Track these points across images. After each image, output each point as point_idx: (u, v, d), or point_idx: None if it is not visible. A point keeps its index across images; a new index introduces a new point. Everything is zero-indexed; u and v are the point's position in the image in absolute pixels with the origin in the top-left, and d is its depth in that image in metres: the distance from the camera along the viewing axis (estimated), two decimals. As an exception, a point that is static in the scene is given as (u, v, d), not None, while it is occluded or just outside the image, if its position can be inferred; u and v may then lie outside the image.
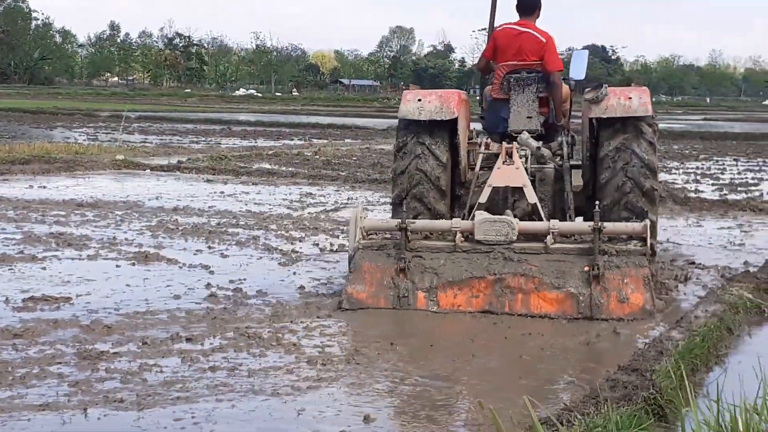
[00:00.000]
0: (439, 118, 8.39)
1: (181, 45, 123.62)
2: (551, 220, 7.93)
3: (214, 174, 17.71)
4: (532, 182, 8.44)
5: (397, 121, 8.82)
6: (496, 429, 3.56)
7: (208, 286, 7.92)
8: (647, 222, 7.76)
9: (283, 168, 18.75)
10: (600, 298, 7.30)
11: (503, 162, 8.26)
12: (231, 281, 8.14)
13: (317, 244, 10.23)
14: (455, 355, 6.14)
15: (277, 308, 7.19)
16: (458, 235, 7.75)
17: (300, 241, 10.43)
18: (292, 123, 37.62)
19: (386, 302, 7.47)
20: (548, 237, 7.65)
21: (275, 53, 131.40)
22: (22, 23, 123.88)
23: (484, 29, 10.24)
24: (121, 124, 28.38)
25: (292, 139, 28.86)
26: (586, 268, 7.40)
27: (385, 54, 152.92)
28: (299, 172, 18.14)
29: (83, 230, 10.70)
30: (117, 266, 8.71)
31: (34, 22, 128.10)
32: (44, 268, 8.50)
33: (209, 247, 9.89)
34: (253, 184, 16.34)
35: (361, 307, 7.40)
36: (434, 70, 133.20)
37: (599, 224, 7.45)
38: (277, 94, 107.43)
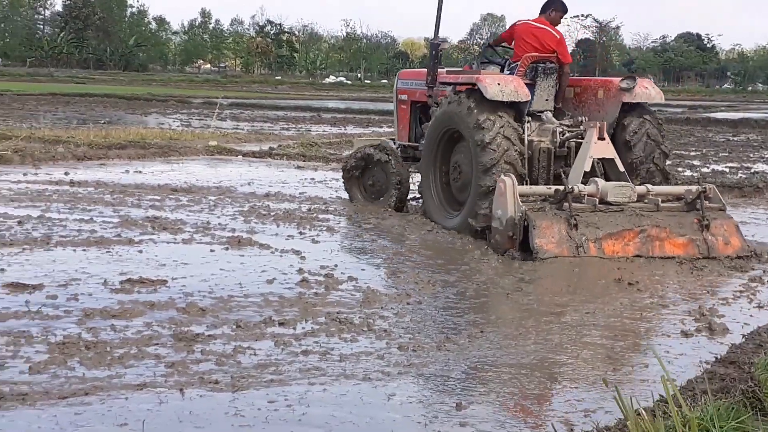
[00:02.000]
0: (517, 100, 10.06)
1: (272, 32, 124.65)
2: (646, 185, 9.85)
3: (304, 161, 17.86)
4: (569, 153, 10.35)
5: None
6: (620, 407, 3.60)
7: (300, 271, 8.00)
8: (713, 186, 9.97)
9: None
10: (712, 241, 9.34)
11: (598, 137, 9.87)
12: (322, 267, 8.20)
13: (406, 231, 10.25)
14: (545, 343, 6.11)
15: (368, 294, 7.23)
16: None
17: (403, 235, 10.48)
18: (381, 110, 37.63)
19: (568, 251, 8.92)
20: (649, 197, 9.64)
21: (365, 41, 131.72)
22: (117, 11, 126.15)
23: (576, 17, 12.27)
24: (215, 111, 28.76)
25: (381, 127, 28.90)
26: (696, 221, 9.41)
27: (475, 41, 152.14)
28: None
29: (178, 215, 10.88)
30: (211, 251, 8.83)
31: (129, 10, 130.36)
32: (141, 251, 8.68)
33: (300, 233, 9.98)
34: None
35: (550, 257, 8.81)
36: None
37: (703, 186, 9.69)
38: (366, 81, 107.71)
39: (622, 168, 10.03)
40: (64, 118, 28.86)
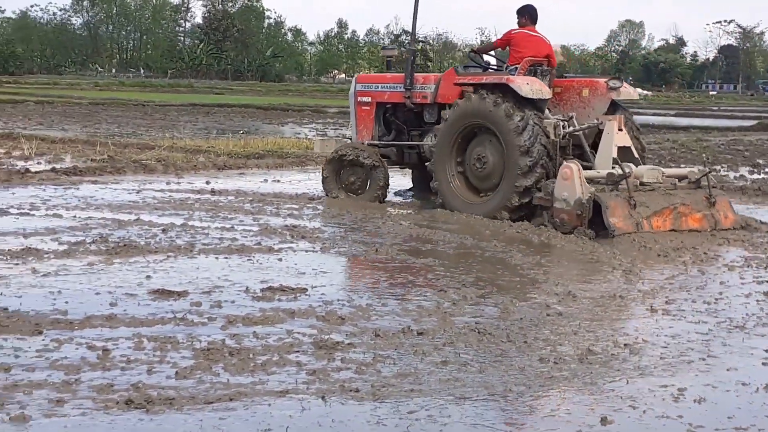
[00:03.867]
0: (542, 97, 11.64)
1: (407, 42, 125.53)
2: (660, 167, 11.89)
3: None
4: (569, 144, 11.71)
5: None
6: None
7: (438, 280, 7.99)
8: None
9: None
10: (718, 216, 10.98)
11: (618, 129, 11.43)
12: (460, 276, 8.17)
13: (540, 241, 10.15)
14: (691, 359, 5.95)
15: (507, 305, 7.17)
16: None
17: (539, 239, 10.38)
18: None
19: (631, 228, 10.25)
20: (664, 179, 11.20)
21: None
22: (255, 22, 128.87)
23: (719, 22, 13.43)
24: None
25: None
26: (705, 198, 10.99)
27: (612, 48, 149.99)
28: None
29: (316, 223, 11.01)
30: (348, 259, 8.90)
31: (266, 21, 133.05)
32: (280, 260, 8.80)
33: (436, 242, 9.97)
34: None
35: (619, 233, 10.09)
36: (665, 65, 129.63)
37: (708, 168, 11.51)
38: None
39: (636, 154, 11.69)
40: (203, 128, 29.57)
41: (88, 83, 77.24)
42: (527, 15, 12.64)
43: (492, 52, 13.59)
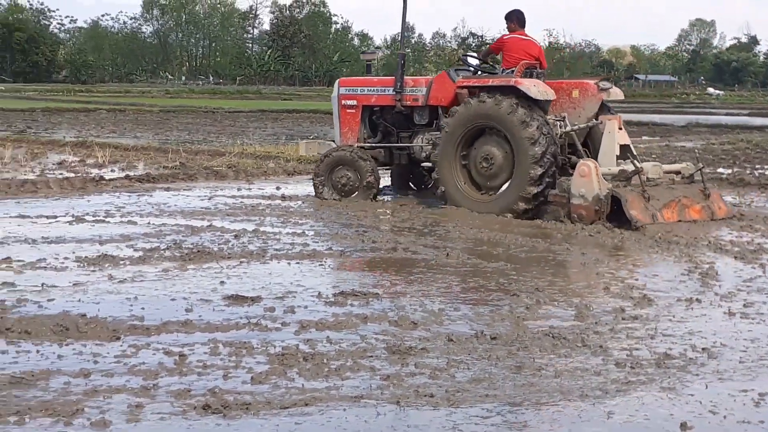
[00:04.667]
0: (548, 98, 12.21)
1: (473, 44, 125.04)
2: (651, 163, 12.47)
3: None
4: (565, 143, 12.29)
5: (694, 116, 12.98)
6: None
7: (510, 284, 7.95)
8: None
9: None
10: (713, 207, 11.82)
11: (619, 128, 12.25)
12: (532, 280, 8.12)
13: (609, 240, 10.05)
14: (772, 363, 5.84)
15: (581, 308, 7.10)
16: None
17: (610, 243, 10.28)
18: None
19: (648, 220, 10.94)
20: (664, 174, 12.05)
21: (568, 50, 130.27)
22: (323, 28, 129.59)
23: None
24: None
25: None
26: (700, 191, 11.84)
27: (683, 48, 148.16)
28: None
29: (385, 228, 11.05)
30: (420, 264, 8.89)
31: (333, 26, 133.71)
32: (352, 264, 8.81)
33: (508, 246, 9.93)
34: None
35: (640, 225, 10.73)
36: (737, 64, 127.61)
37: (701, 165, 12.27)
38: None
39: (635, 152, 12.52)
40: (272, 134, 29.77)
41: (159, 91, 78.28)
42: (515, 20, 13.14)
43: (476, 58, 14.07)
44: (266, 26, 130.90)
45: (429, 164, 12.99)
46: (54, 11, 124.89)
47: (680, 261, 9.15)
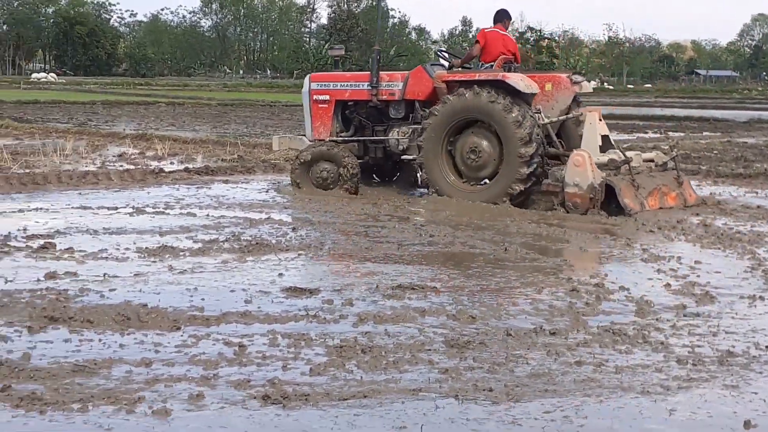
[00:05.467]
0: (534, 92, 12.51)
1: (531, 39, 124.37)
2: (634, 152, 12.76)
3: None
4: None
5: (756, 112, 12.68)
6: None
7: (569, 280, 7.88)
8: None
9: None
10: (686, 194, 12.39)
11: (599, 119, 12.54)
12: (592, 276, 8.06)
13: (670, 238, 9.92)
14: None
15: (641, 305, 7.02)
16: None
17: (668, 238, 10.17)
18: (645, 115, 36.72)
19: (637, 207, 11.45)
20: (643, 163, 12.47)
21: (628, 45, 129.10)
22: (380, 22, 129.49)
23: None
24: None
25: (647, 132, 28.16)
26: (674, 179, 12.40)
27: (745, 43, 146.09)
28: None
29: (442, 221, 10.99)
30: (478, 258, 8.86)
31: (390, 21, 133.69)
32: (410, 257, 8.80)
33: (567, 241, 9.86)
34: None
35: (633, 213, 11.27)
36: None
37: (676, 152, 12.98)
38: (629, 86, 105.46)
39: (612, 141, 12.89)
40: (330, 127, 29.78)
41: (217, 84, 78.92)
42: (506, 19, 13.77)
43: (446, 54, 14.80)
44: (324, 20, 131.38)
45: (408, 157, 13.34)
46: (114, 5, 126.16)
47: (743, 258, 9.02)
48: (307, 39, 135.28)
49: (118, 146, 19.95)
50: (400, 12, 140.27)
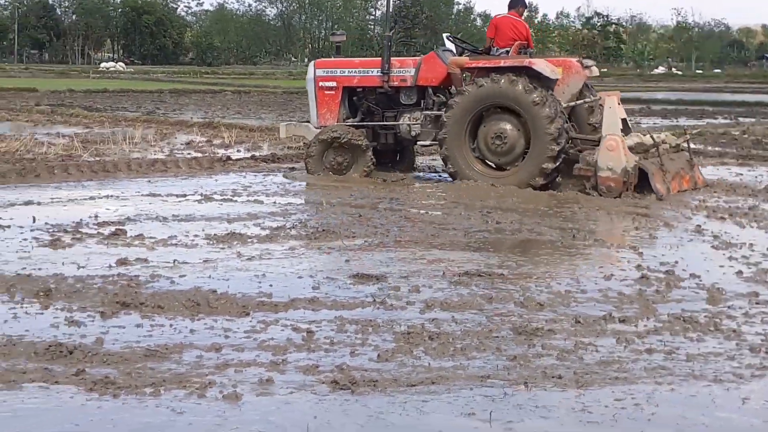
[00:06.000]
0: (558, 77, 12.67)
1: (599, 24, 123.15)
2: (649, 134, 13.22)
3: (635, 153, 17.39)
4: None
5: None
6: None
7: (639, 267, 7.80)
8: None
9: (710, 147, 18.07)
10: (696, 177, 12.72)
11: (618, 103, 12.42)
12: (662, 263, 7.96)
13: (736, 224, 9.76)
14: None
15: (713, 292, 6.92)
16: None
17: (739, 225, 10.03)
18: (715, 101, 36.10)
19: (665, 191, 11.61)
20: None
21: (696, 29, 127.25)
22: (444, 9, 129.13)
23: None
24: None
25: (716, 118, 27.76)
26: (688, 161, 12.75)
27: None
28: (727, 152, 17.40)
29: (509, 208, 10.94)
30: (544, 245, 8.81)
31: (455, 7, 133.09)
32: (476, 245, 8.78)
33: (636, 228, 9.78)
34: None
35: (662, 197, 11.46)
36: None
37: (688, 136, 13.34)
38: (698, 71, 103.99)
39: (629, 124, 13.17)
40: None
41: (282, 73, 79.29)
42: (520, 6, 13.79)
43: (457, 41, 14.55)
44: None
45: (425, 143, 13.75)
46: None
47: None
48: (372, 26, 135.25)
49: (185, 134, 20.14)
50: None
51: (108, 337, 5.67)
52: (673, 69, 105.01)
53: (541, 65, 12.52)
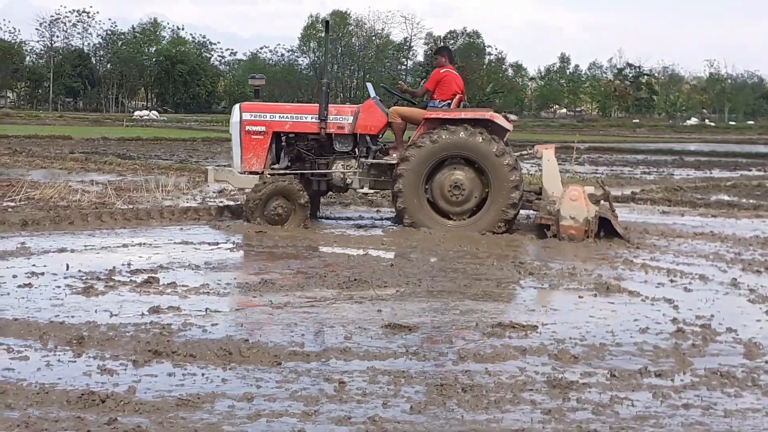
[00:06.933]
0: (510, 129, 13.51)
1: (630, 75, 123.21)
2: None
3: (669, 205, 17.35)
4: None
5: None
6: None
7: (674, 320, 7.71)
8: None
9: (744, 200, 17.95)
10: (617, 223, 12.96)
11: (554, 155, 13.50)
12: (698, 317, 7.87)
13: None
14: None
15: (750, 347, 6.83)
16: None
17: (768, 276, 9.92)
18: (749, 153, 35.97)
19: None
20: None
21: (729, 81, 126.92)
22: (476, 59, 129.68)
23: None
24: (572, 155, 28.67)
25: (750, 170, 27.62)
26: (610, 209, 13.05)
27: None
28: (761, 204, 17.27)
29: (541, 258, 10.89)
30: (579, 297, 8.75)
31: (487, 57, 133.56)
32: (509, 296, 8.72)
33: (671, 281, 9.67)
34: (712, 216, 15.80)
35: (628, 240, 12.23)
36: None
37: (608, 190, 13.70)
38: (731, 123, 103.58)
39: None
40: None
41: (315, 121, 79.56)
42: (446, 54, 14.31)
43: (369, 87, 15.16)
44: (420, 57, 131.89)
45: (364, 191, 14.16)
46: (215, 44, 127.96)
47: None
48: (404, 76, 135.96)
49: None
50: (497, 49, 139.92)
51: (140, 385, 5.65)
52: (706, 120, 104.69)
53: (499, 119, 13.11)
